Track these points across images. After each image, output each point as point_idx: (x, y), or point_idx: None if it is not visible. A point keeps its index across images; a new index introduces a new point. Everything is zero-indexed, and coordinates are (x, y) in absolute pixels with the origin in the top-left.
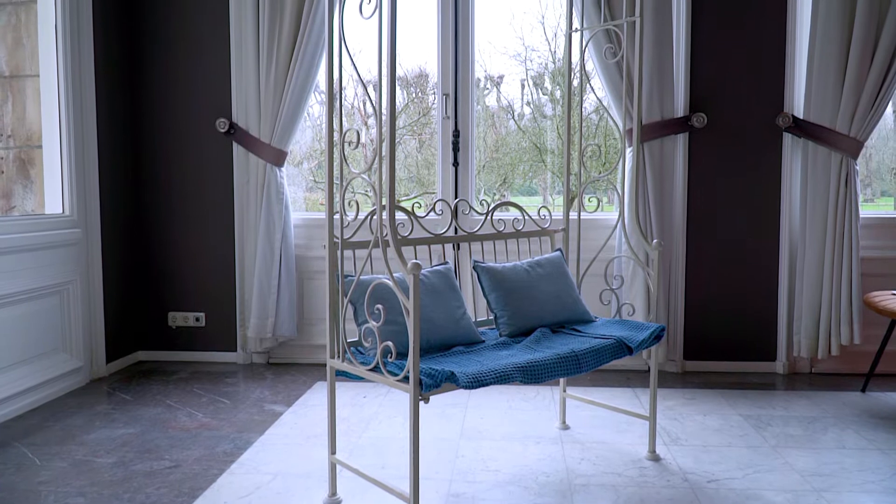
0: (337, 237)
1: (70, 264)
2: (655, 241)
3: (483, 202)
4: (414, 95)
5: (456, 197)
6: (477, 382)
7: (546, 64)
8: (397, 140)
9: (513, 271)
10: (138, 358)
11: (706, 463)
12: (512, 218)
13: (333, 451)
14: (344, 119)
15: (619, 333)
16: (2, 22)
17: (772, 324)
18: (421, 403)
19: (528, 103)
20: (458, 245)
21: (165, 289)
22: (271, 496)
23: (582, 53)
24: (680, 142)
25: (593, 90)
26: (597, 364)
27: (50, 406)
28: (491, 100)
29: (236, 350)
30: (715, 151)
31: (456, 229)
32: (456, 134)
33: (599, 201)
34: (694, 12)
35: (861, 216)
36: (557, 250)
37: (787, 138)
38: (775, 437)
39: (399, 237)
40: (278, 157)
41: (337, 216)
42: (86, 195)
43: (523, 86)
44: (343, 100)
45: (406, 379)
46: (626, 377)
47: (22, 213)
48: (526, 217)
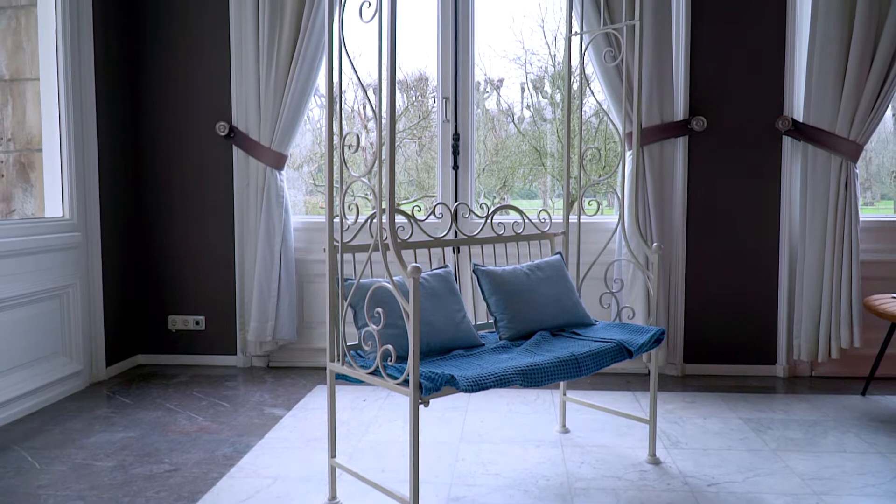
0: (337, 240)
1: (70, 268)
2: (655, 245)
3: (483, 205)
4: (414, 99)
5: (456, 200)
6: (477, 386)
7: (546, 67)
8: (397, 143)
9: (513, 275)
10: (138, 361)
11: (706, 466)
12: (512, 221)
13: (333, 455)
14: (344, 122)
15: (619, 337)
16: (2, 25)
17: (772, 327)
18: (421, 407)
19: (528, 107)
20: (458, 248)
21: (165, 292)
22: (271, 500)
23: (582, 57)
24: (680, 145)
25: (593, 94)
26: (597, 367)
27: (49, 410)
28: (491, 103)
29: (236, 353)
30: (715, 155)
31: (456, 233)
32: (456, 137)
33: (599, 205)
34: (693, 15)
35: (861, 219)
36: (557, 254)
37: (787, 141)
38: (775, 441)
39: (399, 241)
40: (278, 161)
41: (337, 220)
42: (86, 199)
43: (523, 89)
44: (343, 103)
45: (406, 382)
46: (626, 381)
47: (22, 217)
48: (526, 220)
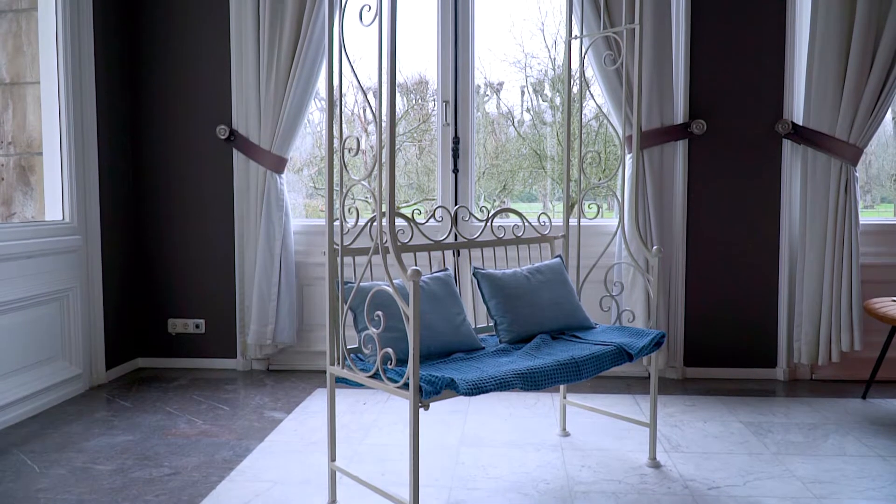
0: (337, 244)
1: (70, 271)
2: (655, 248)
3: (483, 209)
4: (414, 102)
5: (456, 203)
6: (477, 389)
7: (546, 71)
8: (397, 147)
9: (513, 278)
10: (138, 365)
11: (707, 470)
12: (512, 224)
13: (333, 458)
14: (344, 126)
15: (620, 340)
16: (2, 29)
17: (772, 330)
18: (421, 410)
19: (528, 110)
20: (458, 252)
21: (165, 295)
22: (271, 503)
23: (581, 60)
24: (679, 148)
25: (593, 97)
26: (597, 371)
27: (49, 413)
28: (491, 106)
29: (236, 357)
30: (714, 158)
31: (456, 236)
32: (456, 140)
33: (599, 208)
34: (693, 19)
35: (861, 223)
36: (557, 257)
37: (787, 145)
38: (776, 444)
39: (399, 244)
40: (278, 164)
41: (337, 223)
42: (86, 202)
43: (523, 92)
44: (343, 106)
45: (406, 386)
46: (627, 384)
47: (22, 220)
48: (526, 224)
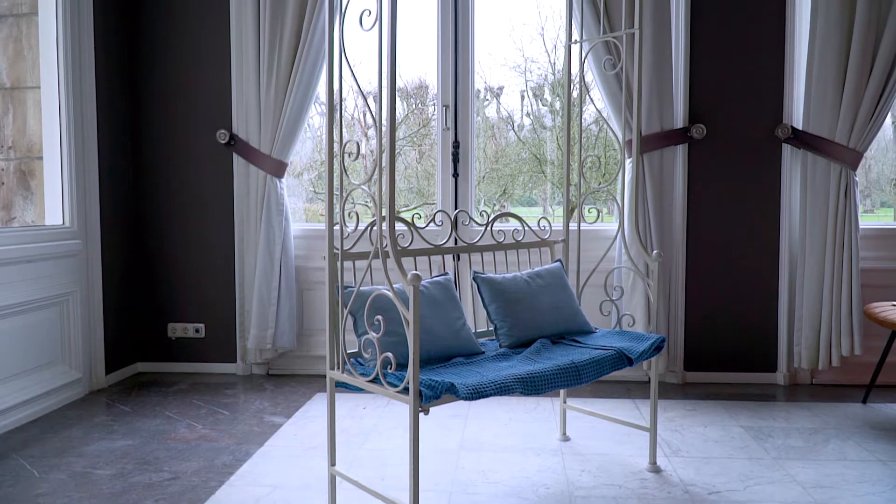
0: (337, 248)
1: (70, 275)
2: (655, 252)
3: (483, 213)
4: (414, 106)
5: (456, 208)
6: (477, 394)
7: (546, 75)
8: (397, 151)
9: (513, 282)
10: (137, 369)
11: (707, 475)
12: (512, 229)
13: (333, 463)
14: (344, 130)
15: (620, 344)
16: (3, 34)
17: (772, 335)
18: (421, 415)
19: (528, 114)
20: (458, 256)
21: (165, 300)
22: None
23: (581, 65)
24: (679, 153)
25: (593, 101)
26: (597, 375)
27: (49, 418)
28: (491, 111)
29: (236, 361)
30: (714, 162)
31: (456, 240)
32: (456, 145)
33: (599, 212)
34: (693, 23)
35: (861, 227)
36: (557, 261)
37: (787, 149)
38: (776, 449)
39: (399, 248)
40: (278, 169)
41: (337, 227)
42: (86, 206)
43: (523, 97)
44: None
45: (406, 390)
46: (627, 388)
47: (22, 225)
48: (526, 228)
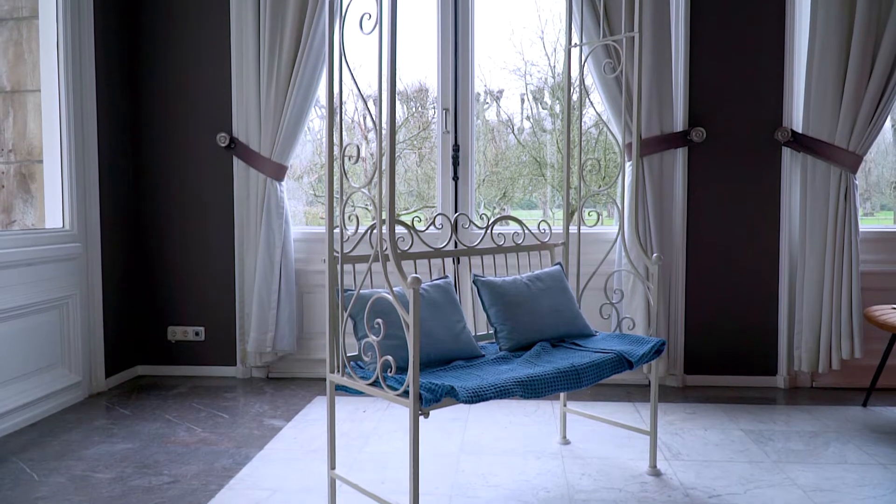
0: (337, 251)
1: (70, 279)
2: (655, 255)
3: (483, 216)
4: (414, 110)
5: (456, 211)
6: (477, 397)
7: (546, 78)
8: (397, 154)
9: (513, 285)
10: (137, 372)
11: (707, 478)
12: (512, 232)
13: (333, 466)
14: (344, 133)
15: (620, 348)
16: (3, 37)
17: (772, 338)
18: (421, 418)
19: (528, 117)
20: (458, 259)
21: (165, 303)
22: None
23: (581, 68)
24: (679, 156)
25: (592, 105)
26: (597, 378)
27: (48, 421)
28: (491, 114)
29: (236, 364)
30: (714, 166)
31: (456, 243)
32: (456, 148)
33: (599, 215)
34: (692, 27)
35: (861, 230)
36: (557, 264)
37: (787, 152)
38: (776, 452)
39: (399, 251)
40: (278, 172)
41: (337, 230)
42: (86, 210)
43: (523, 100)
44: (343, 114)
45: (406, 393)
46: (627, 391)
47: (22, 228)
48: (526, 231)
